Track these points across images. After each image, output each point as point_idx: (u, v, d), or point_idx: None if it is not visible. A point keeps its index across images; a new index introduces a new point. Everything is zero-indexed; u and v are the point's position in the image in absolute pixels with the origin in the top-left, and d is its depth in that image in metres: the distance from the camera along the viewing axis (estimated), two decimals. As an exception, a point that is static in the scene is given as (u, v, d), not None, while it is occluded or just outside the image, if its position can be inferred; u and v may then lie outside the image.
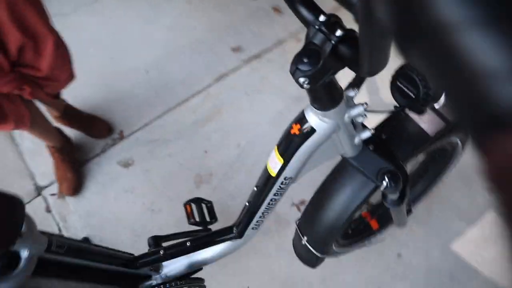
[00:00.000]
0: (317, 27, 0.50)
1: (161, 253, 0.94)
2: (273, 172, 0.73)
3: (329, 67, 0.51)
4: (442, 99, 0.72)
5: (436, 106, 0.80)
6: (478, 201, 1.43)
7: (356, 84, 0.71)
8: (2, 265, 0.64)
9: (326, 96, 0.57)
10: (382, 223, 1.28)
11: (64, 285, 0.77)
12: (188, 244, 0.96)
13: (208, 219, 1.09)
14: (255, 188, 0.82)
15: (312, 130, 0.64)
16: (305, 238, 0.99)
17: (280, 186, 0.75)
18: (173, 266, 1.01)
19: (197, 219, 1.07)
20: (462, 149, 1.10)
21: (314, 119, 0.63)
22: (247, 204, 0.87)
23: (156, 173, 1.55)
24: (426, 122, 0.86)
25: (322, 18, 0.50)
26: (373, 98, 1.64)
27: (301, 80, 0.51)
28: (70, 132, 1.58)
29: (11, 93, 1.08)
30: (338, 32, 0.48)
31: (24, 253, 0.65)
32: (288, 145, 0.67)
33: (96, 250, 0.86)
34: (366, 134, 0.70)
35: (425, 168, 1.25)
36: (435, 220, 1.41)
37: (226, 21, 1.95)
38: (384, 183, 0.73)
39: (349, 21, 0.45)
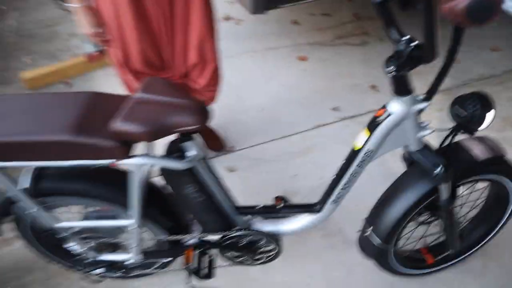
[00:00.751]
0: (401, 42, 0.87)
1: (259, 207, 1.28)
2: (359, 146, 1.05)
3: (407, 63, 0.87)
4: (485, 123, 1.00)
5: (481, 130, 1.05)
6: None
7: (428, 95, 1.02)
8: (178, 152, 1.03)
9: (402, 84, 0.92)
10: (436, 257, 1.45)
11: (193, 196, 1.13)
12: (278, 207, 1.28)
13: None
14: (342, 163, 1.13)
15: (390, 114, 0.98)
16: (371, 228, 1.24)
17: (362, 158, 1.06)
18: (259, 225, 1.32)
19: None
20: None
21: (392, 105, 0.97)
22: (333, 178, 1.18)
23: (252, 182, 1.92)
24: (476, 150, 1.12)
25: (404, 38, 0.87)
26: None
27: (390, 68, 0.87)
28: (197, 138, 2.07)
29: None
30: (412, 44, 0.85)
31: (192, 151, 1.03)
32: (373, 123, 1.01)
33: (222, 183, 1.22)
34: (427, 131, 1.01)
35: (483, 214, 1.43)
36: (490, 279, 1.52)
37: (330, 88, 2.42)
38: (437, 170, 1.01)
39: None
